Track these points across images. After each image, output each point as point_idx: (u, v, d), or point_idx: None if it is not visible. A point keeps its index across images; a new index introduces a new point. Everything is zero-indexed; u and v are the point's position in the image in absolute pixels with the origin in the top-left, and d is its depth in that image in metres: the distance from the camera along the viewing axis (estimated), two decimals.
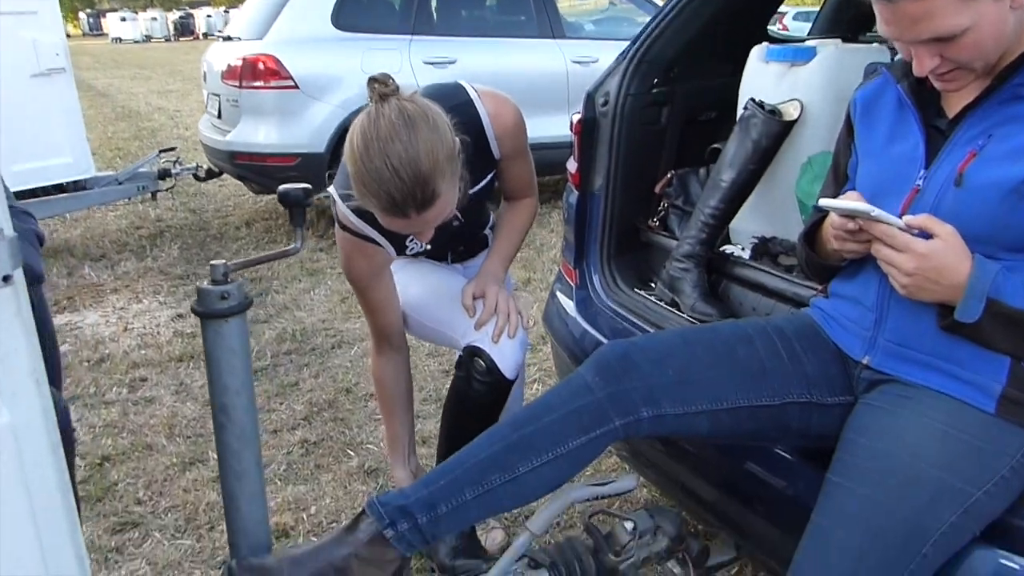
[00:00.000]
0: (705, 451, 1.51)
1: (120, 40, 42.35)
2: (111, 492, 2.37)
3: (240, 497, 1.19)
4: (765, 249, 1.78)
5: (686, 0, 1.93)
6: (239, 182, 5.31)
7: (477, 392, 1.57)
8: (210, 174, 5.30)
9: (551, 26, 5.37)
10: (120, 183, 4.95)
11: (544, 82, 5.13)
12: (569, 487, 1.34)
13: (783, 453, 1.36)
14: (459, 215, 1.59)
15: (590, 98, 2.01)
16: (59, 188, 4.73)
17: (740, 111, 1.77)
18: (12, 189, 4.47)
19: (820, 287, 1.38)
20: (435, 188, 1.28)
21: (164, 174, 5.09)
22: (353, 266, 1.60)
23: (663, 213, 2.00)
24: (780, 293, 1.64)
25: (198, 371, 3.20)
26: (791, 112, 1.68)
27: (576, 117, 2.02)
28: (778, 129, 1.68)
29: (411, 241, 1.63)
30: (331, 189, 1.55)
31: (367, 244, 1.56)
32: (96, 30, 56.96)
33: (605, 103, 1.98)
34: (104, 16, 55.97)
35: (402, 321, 1.73)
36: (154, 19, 46.52)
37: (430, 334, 1.76)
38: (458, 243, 1.70)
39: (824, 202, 1.11)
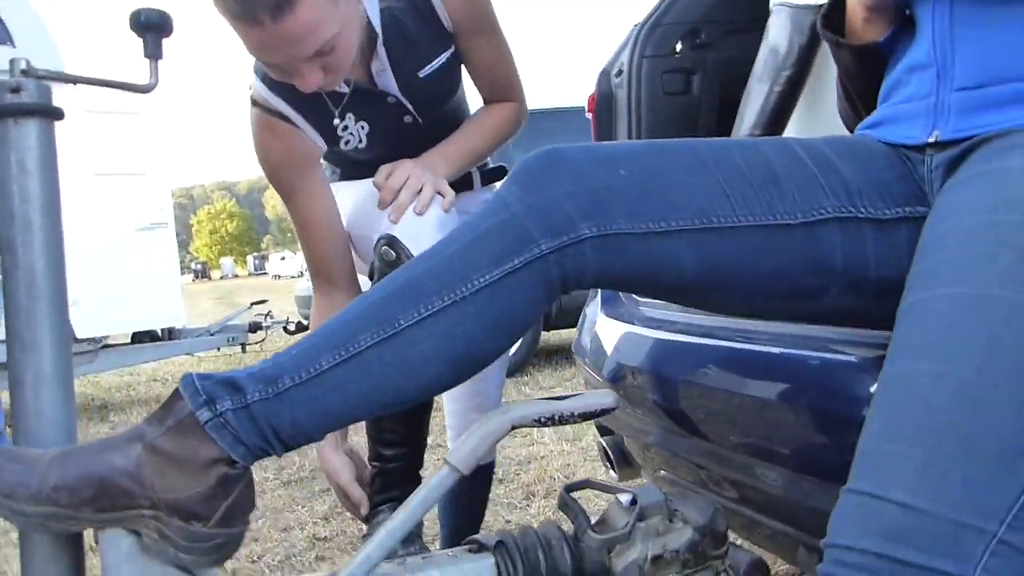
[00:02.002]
0: None
1: (279, 276, 46.62)
2: None
3: (25, 381, 0.86)
4: None
5: None
6: None
7: None
8: (299, 327, 5.28)
9: None
10: (211, 334, 5.00)
11: None
12: (509, 405, 0.92)
13: None
14: (411, 109, 1.31)
15: (604, 74, 1.75)
16: (152, 337, 4.81)
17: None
18: (111, 333, 4.66)
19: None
20: None
21: (255, 327, 5.12)
22: (266, 151, 1.28)
23: None
24: None
25: None
26: None
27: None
28: (815, 18, 1.34)
29: (344, 130, 1.30)
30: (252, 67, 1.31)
31: (279, 122, 1.26)
32: (260, 270, 63.10)
33: (619, 73, 1.71)
34: (267, 258, 62.29)
35: (347, 256, 1.37)
36: None
37: (360, 249, 1.39)
38: (414, 149, 1.33)
39: None
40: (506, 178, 0.85)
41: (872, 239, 0.80)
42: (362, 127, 1.31)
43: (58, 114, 0.89)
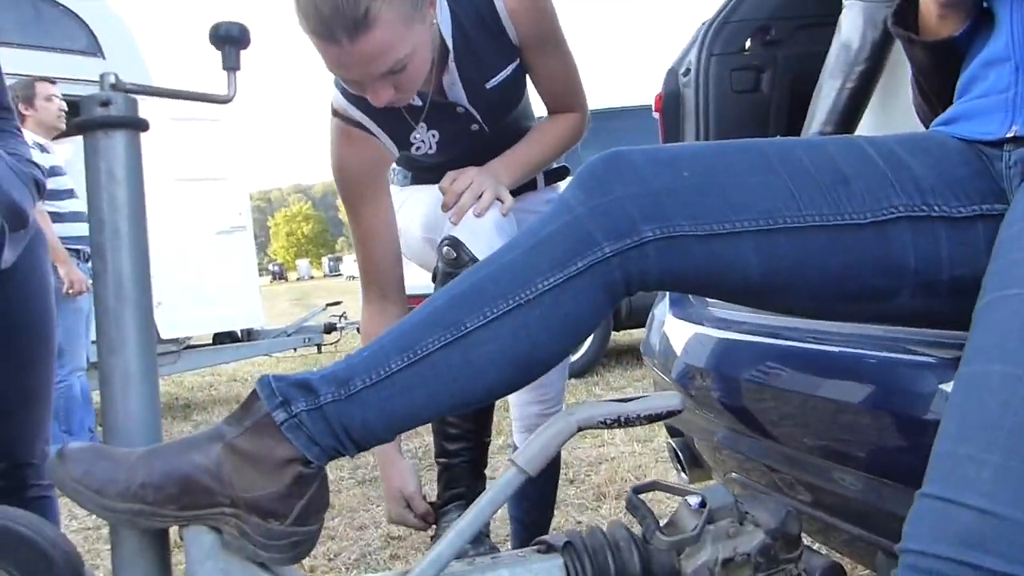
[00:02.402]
0: None
1: (353, 277, 47.57)
2: None
3: (114, 381, 0.90)
4: None
5: None
6: None
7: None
8: None
9: None
10: (289, 335, 5.13)
11: None
12: (574, 406, 0.92)
13: None
14: (478, 118, 1.35)
15: (672, 73, 1.73)
16: (232, 338, 4.97)
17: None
18: (193, 333, 4.84)
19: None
20: (368, 8, 1.04)
21: (330, 328, 5.24)
22: (341, 159, 1.35)
23: None
24: None
25: None
26: None
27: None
28: (887, 12, 1.30)
29: (416, 136, 1.35)
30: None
31: (356, 130, 1.32)
32: (335, 271, 64.50)
33: (687, 72, 1.69)
34: (342, 260, 63.66)
35: (400, 269, 1.42)
36: None
37: (418, 252, 1.44)
38: (480, 158, 1.37)
39: None
40: (569, 181, 0.86)
41: (946, 238, 0.78)
42: (433, 135, 1.36)
43: (144, 126, 0.94)
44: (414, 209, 1.46)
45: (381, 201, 1.37)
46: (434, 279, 1.27)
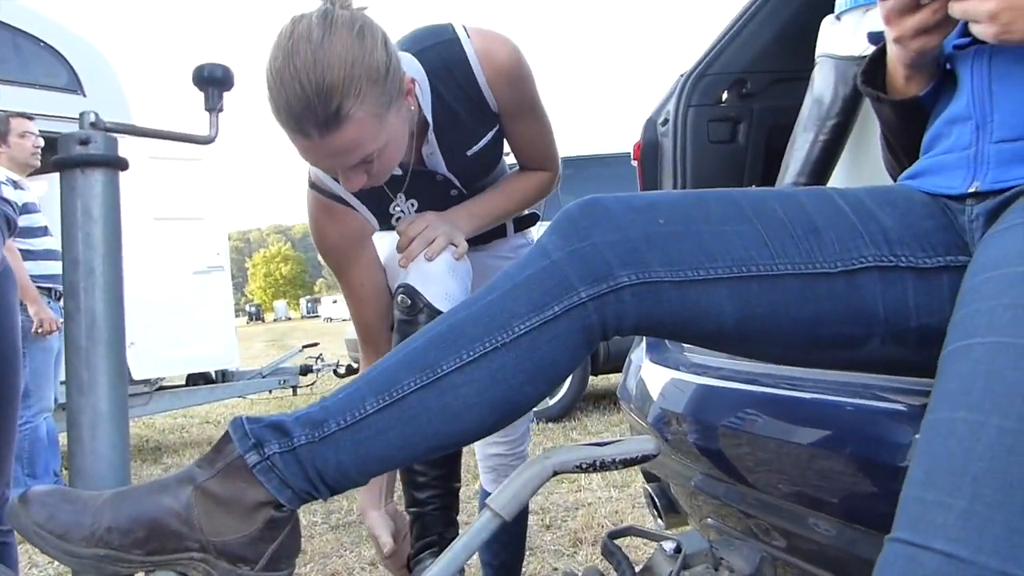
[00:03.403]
0: None
1: (331, 319, 47.34)
2: None
3: (83, 423, 0.89)
4: None
5: (755, 7, 1.72)
6: None
7: (404, 334, 1.20)
8: (349, 370, 5.35)
9: None
10: (263, 376, 5.08)
11: None
12: (551, 450, 0.92)
13: None
14: (457, 184, 1.36)
15: (650, 122, 1.77)
16: (205, 379, 4.91)
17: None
18: (166, 374, 4.76)
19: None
20: (340, 106, 1.04)
21: (306, 370, 5.19)
22: (322, 232, 1.35)
23: None
24: None
25: None
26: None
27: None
28: (857, 70, 1.34)
29: (396, 207, 1.36)
30: None
31: (336, 205, 1.32)
32: (312, 313, 64.16)
33: (665, 122, 1.73)
34: (320, 301, 63.40)
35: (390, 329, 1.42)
36: None
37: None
38: None
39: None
40: (547, 227, 0.87)
41: (913, 288, 0.80)
42: (412, 204, 1.37)
43: (123, 164, 0.94)
44: (381, 253, 1.47)
45: (368, 266, 1.37)
46: (391, 328, 1.27)
